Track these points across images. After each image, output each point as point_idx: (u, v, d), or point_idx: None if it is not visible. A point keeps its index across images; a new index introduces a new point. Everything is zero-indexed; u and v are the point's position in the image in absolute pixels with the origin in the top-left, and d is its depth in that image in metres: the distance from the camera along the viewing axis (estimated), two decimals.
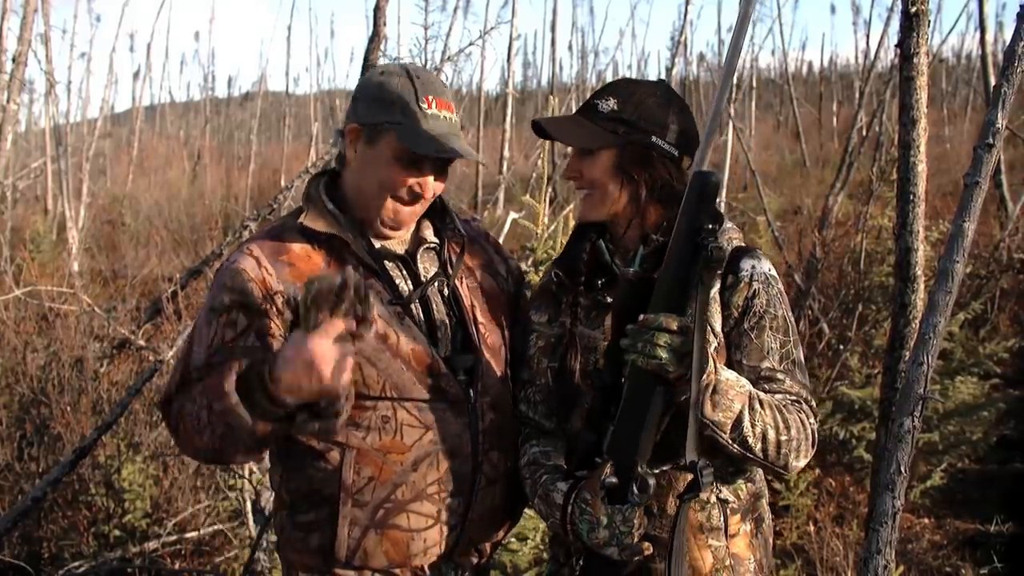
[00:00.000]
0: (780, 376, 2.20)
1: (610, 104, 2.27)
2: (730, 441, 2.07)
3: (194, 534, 5.13)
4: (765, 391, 2.16)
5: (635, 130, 2.27)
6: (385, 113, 2.28)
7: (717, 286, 2.23)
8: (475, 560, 2.43)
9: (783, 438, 2.11)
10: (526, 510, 2.64)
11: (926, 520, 5.87)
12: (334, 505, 2.24)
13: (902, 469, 2.52)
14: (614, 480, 2.03)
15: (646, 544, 2.12)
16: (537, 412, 2.38)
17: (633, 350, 1.97)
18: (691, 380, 1.97)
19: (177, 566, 5.04)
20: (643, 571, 2.17)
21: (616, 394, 2.10)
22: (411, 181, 2.28)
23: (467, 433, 2.29)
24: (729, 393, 2.05)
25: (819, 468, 6.09)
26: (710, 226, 1.97)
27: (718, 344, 2.18)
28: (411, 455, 2.24)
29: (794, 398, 2.19)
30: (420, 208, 2.35)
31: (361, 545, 2.24)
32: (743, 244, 2.33)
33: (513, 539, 3.97)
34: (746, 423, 2.07)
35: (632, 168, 2.28)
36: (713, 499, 2.25)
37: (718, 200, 2.46)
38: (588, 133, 2.27)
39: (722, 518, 2.25)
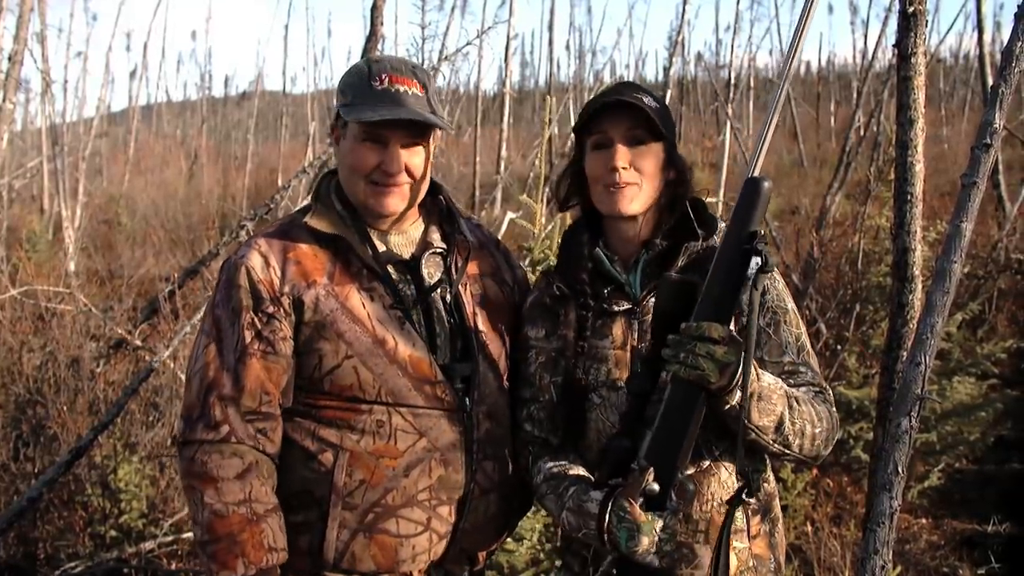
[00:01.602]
0: (802, 369, 2.25)
1: (651, 101, 2.25)
2: (772, 442, 2.12)
3: (190, 535, 5.12)
4: (791, 385, 2.19)
5: (671, 128, 2.29)
6: (342, 102, 2.31)
7: None
8: (467, 569, 2.43)
9: (817, 430, 2.16)
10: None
11: (924, 520, 5.87)
12: (324, 506, 2.24)
13: (899, 469, 2.51)
14: (655, 487, 2.00)
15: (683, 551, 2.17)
16: (543, 429, 2.35)
17: (675, 360, 1.96)
18: (735, 389, 1.99)
19: (174, 566, 5.03)
20: None
21: (647, 399, 2.09)
22: (376, 158, 2.28)
23: (461, 442, 2.28)
24: (772, 398, 2.08)
25: (817, 468, 6.09)
26: (762, 232, 1.97)
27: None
28: (403, 460, 2.23)
29: (817, 389, 2.24)
30: (402, 191, 2.32)
31: (349, 548, 2.24)
32: None
33: (510, 539, 3.95)
34: (787, 424, 2.11)
35: (674, 164, 2.30)
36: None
37: (716, 200, 2.45)
38: (659, 123, 2.24)
39: (745, 520, 2.26)
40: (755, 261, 1.96)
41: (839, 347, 6.65)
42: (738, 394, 2.01)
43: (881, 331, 6.37)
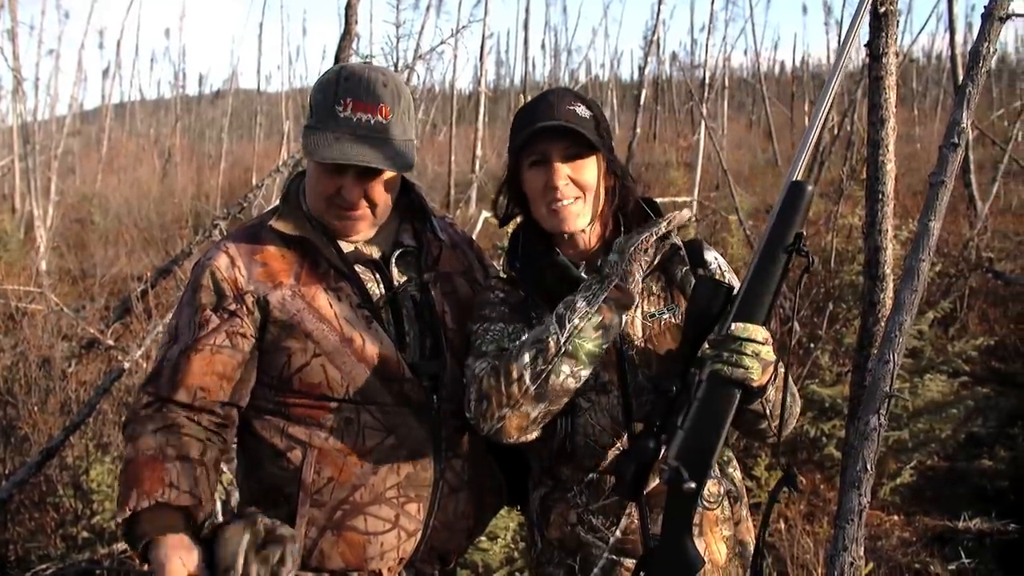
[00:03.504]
0: None
1: (584, 111, 2.25)
2: (773, 428, 2.19)
3: None
4: None
5: (608, 136, 2.29)
6: (307, 122, 2.29)
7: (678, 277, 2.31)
8: (437, 568, 2.42)
9: (795, 409, 2.27)
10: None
11: (896, 517, 5.89)
12: (293, 504, 2.23)
13: (868, 466, 2.53)
14: (692, 485, 1.99)
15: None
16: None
17: (718, 360, 1.97)
18: (768, 386, 2.04)
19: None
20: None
21: (674, 400, 2.09)
22: (334, 187, 2.26)
23: (430, 440, 2.28)
24: (782, 388, 2.14)
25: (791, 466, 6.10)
26: (804, 234, 2.00)
27: None
28: (371, 458, 2.24)
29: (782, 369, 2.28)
30: (365, 216, 2.31)
31: (318, 546, 2.24)
32: (690, 239, 2.39)
33: (484, 538, 3.96)
34: (785, 409, 2.16)
35: (614, 173, 2.30)
36: (721, 491, 2.30)
37: (692, 200, 2.46)
38: (594, 137, 2.23)
39: (729, 508, 2.30)
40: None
41: (812, 345, 6.68)
42: (770, 390, 2.06)
43: (854, 329, 6.41)
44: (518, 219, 2.45)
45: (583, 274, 2.28)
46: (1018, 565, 5.20)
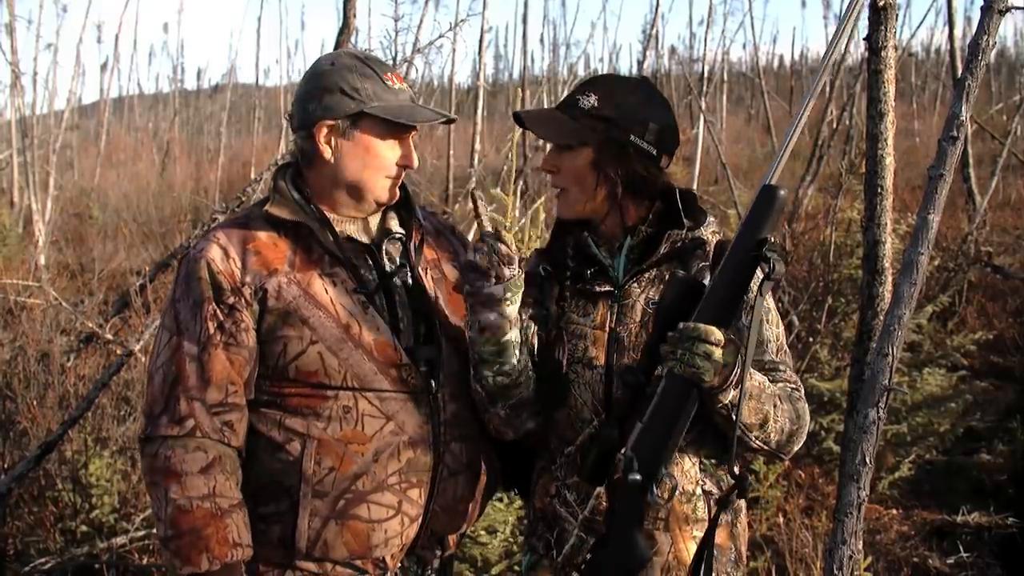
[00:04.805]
0: (781, 368, 2.29)
1: (591, 100, 2.28)
2: (754, 439, 2.17)
3: None
4: (770, 381, 2.22)
5: (614, 127, 2.28)
6: (357, 101, 2.30)
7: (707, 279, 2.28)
8: (438, 552, 2.45)
9: (794, 428, 2.22)
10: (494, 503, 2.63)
11: (894, 511, 5.90)
12: (295, 496, 2.24)
13: (867, 460, 2.54)
14: (638, 478, 2.02)
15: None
16: None
17: (672, 357, 1.98)
18: (728, 389, 2.03)
19: (145, 561, 5.00)
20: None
21: (641, 391, 2.10)
22: (401, 155, 2.34)
23: (428, 424, 2.30)
24: (761, 397, 2.13)
25: (789, 460, 6.11)
26: (772, 239, 1.99)
27: None
28: (372, 446, 2.24)
29: (793, 386, 2.28)
30: (400, 181, 2.40)
31: (321, 536, 2.24)
32: (722, 239, 2.37)
33: (483, 532, 3.96)
34: (771, 422, 2.16)
35: (609, 166, 2.30)
36: (698, 491, 2.30)
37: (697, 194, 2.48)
38: (568, 129, 2.29)
39: (706, 509, 2.29)
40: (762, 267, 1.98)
41: (811, 339, 6.68)
42: (731, 393, 2.05)
43: (852, 323, 6.41)
44: None
45: (598, 251, 2.36)
46: (1017, 559, 5.21)
